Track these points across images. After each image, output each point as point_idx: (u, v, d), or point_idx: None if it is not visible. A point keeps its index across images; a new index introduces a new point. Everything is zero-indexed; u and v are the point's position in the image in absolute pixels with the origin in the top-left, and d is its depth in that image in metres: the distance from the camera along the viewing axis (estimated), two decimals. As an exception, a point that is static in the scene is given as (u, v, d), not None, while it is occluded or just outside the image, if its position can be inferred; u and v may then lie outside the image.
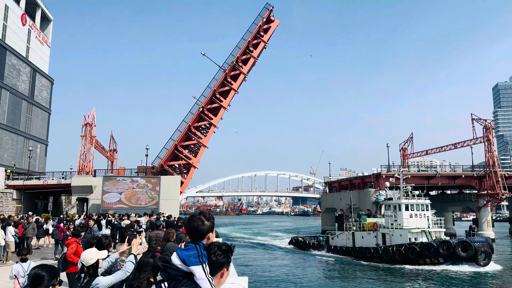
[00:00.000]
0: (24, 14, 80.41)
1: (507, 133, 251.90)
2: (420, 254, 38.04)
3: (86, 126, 54.93)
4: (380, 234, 43.38)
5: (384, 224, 44.03)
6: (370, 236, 44.65)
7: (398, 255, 39.20)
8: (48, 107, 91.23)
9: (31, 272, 3.55)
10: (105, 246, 6.42)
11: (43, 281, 3.46)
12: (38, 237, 25.44)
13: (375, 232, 43.96)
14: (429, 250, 37.72)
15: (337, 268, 40.47)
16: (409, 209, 42.04)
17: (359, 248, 44.72)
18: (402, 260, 38.86)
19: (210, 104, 63.04)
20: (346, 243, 47.70)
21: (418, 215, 41.95)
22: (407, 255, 38.65)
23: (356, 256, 44.52)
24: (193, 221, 2.73)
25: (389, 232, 42.29)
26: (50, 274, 3.53)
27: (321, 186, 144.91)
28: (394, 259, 39.45)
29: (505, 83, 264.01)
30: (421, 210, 42.37)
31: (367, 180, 70.75)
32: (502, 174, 67.77)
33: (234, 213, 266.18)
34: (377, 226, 44.06)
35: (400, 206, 42.48)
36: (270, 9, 67.66)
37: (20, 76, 78.16)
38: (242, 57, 65.38)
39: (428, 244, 38.08)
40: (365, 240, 45.20)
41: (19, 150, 78.04)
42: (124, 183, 50.00)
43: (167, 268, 2.56)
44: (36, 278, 3.46)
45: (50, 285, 3.49)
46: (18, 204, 55.41)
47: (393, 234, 41.79)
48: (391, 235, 41.97)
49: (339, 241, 49.52)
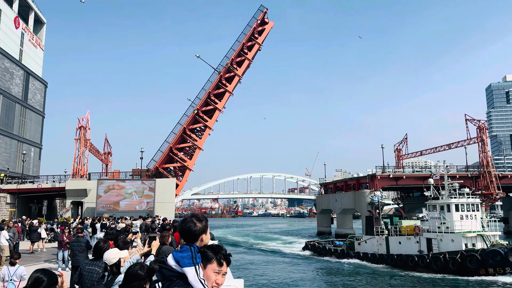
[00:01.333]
0: (17, 17, 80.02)
1: (501, 133, 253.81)
2: (481, 263, 32.40)
3: (80, 129, 54.69)
4: (423, 239, 37.21)
5: (428, 228, 37.74)
6: (410, 242, 38.40)
7: (452, 264, 33.39)
8: (41, 110, 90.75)
9: (33, 275, 3.68)
10: (103, 250, 6.63)
11: (41, 285, 3.60)
12: (33, 241, 25.27)
13: (417, 237, 37.79)
14: (494, 258, 32.04)
15: (372, 279, 34.49)
16: (459, 210, 36.30)
17: (398, 255, 38.20)
18: (457, 270, 33.13)
19: (205, 107, 63.01)
20: (378, 250, 41.27)
21: (470, 216, 36.29)
22: (465, 263, 32.84)
23: (395, 265, 38.19)
24: (186, 223, 2.80)
25: (437, 237, 36.08)
26: (51, 280, 3.68)
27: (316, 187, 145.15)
28: (446, 269, 33.69)
29: (498, 83, 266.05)
30: (471, 210, 36.70)
31: (362, 181, 70.97)
32: (496, 174, 68.32)
33: (230, 215, 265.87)
34: (420, 230, 38.09)
35: (449, 206, 36.52)
36: (264, 11, 67.83)
37: (13, 79, 77.73)
38: (236, 59, 65.45)
39: (493, 251, 32.55)
40: (403, 246, 38.95)
41: (13, 154, 77.53)
42: (119, 186, 49.77)
43: (162, 269, 2.64)
44: (36, 282, 3.61)
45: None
46: (12, 208, 55.00)
47: (441, 239, 35.69)
48: (439, 240, 35.84)
49: (368, 247, 42.82)
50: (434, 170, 76.47)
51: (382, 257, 39.97)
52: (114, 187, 49.55)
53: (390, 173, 69.12)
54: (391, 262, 38.76)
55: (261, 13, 67.57)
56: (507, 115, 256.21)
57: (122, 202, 48.64)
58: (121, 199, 48.80)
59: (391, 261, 38.83)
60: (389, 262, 38.91)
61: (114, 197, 48.86)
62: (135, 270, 3.91)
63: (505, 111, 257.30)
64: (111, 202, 48.45)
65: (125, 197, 48.96)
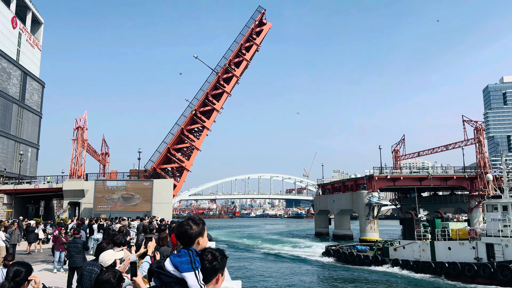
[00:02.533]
0: (14, 17, 79.81)
1: (498, 135, 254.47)
2: None
3: (78, 130, 54.54)
4: (482, 244, 31.95)
5: (486, 231, 32.90)
6: (463, 248, 33.19)
7: None
8: (39, 111, 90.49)
9: (12, 268, 4.39)
10: (103, 251, 6.62)
11: (21, 275, 4.33)
12: (30, 242, 25.17)
13: (473, 242, 32.51)
14: None
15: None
16: None
17: (450, 264, 32.91)
18: None
19: (203, 107, 62.97)
20: (420, 256, 36.01)
21: None
22: None
23: (446, 275, 32.96)
24: (182, 226, 2.73)
25: (500, 242, 30.79)
26: (28, 269, 4.42)
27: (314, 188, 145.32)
28: None
29: (495, 85, 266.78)
30: None
31: (360, 182, 71.07)
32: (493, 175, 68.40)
33: (228, 216, 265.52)
34: (476, 234, 32.90)
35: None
36: (263, 12, 67.89)
37: (10, 79, 77.50)
38: (234, 60, 65.47)
39: None
40: (454, 252, 33.79)
41: (10, 154, 77.28)
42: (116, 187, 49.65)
43: (160, 274, 2.55)
44: (16, 273, 4.33)
45: (27, 279, 4.38)
46: (9, 209, 54.78)
47: (507, 245, 30.44)
48: (504, 246, 30.52)
49: (407, 253, 37.50)
50: (431, 171, 76.84)
51: (427, 265, 34.60)
52: (112, 188, 49.42)
53: (387, 174, 69.24)
54: (440, 271, 33.50)
55: (259, 14, 67.65)
56: (504, 116, 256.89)
57: (119, 203, 48.48)
58: (118, 200, 48.64)
59: (440, 270, 33.50)
60: (438, 271, 33.65)
61: (111, 197, 48.71)
62: (107, 277, 3.90)
63: (502, 112, 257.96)
64: (109, 203, 48.31)
65: (122, 198, 48.81)
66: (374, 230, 63.46)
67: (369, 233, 63.14)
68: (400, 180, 68.96)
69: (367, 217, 63.83)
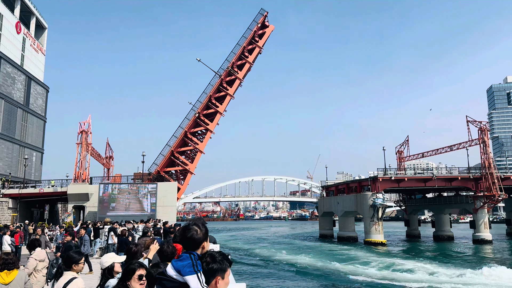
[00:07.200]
0: (18, 22, 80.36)
1: (502, 135, 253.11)
2: None
3: (82, 134, 54.72)
4: None
5: None
6: None
7: None
8: (43, 115, 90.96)
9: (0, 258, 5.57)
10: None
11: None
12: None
13: None
14: None
15: None
16: None
17: None
18: None
19: (206, 110, 63.06)
20: None
21: None
22: None
23: None
24: (187, 231, 2.77)
25: None
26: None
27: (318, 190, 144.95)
28: None
29: (499, 85, 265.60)
30: None
31: (364, 183, 70.78)
32: (498, 175, 68.00)
33: (232, 218, 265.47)
34: None
35: None
36: (265, 14, 67.98)
37: (15, 84, 77.97)
38: (237, 63, 65.54)
39: None
40: None
41: (15, 159, 77.66)
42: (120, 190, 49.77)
43: (162, 280, 2.56)
44: (4, 262, 5.46)
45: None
46: (14, 213, 55.04)
47: None
48: None
49: None
50: (435, 172, 76.45)
51: None
52: (116, 191, 49.54)
53: (392, 175, 68.95)
54: None
55: (261, 16, 67.73)
56: (508, 116, 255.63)
57: (124, 206, 48.58)
58: (122, 203, 48.76)
59: None
60: None
61: (116, 201, 48.83)
62: None
63: (506, 112, 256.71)
64: (113, 206, 48.43)
65: (126, 201, 48.92)
66: (379, 232, 63.19)
67: (374, 235, 62.89)
68: (405, 181, 68.65)
69: (371, 219, 63.54)
